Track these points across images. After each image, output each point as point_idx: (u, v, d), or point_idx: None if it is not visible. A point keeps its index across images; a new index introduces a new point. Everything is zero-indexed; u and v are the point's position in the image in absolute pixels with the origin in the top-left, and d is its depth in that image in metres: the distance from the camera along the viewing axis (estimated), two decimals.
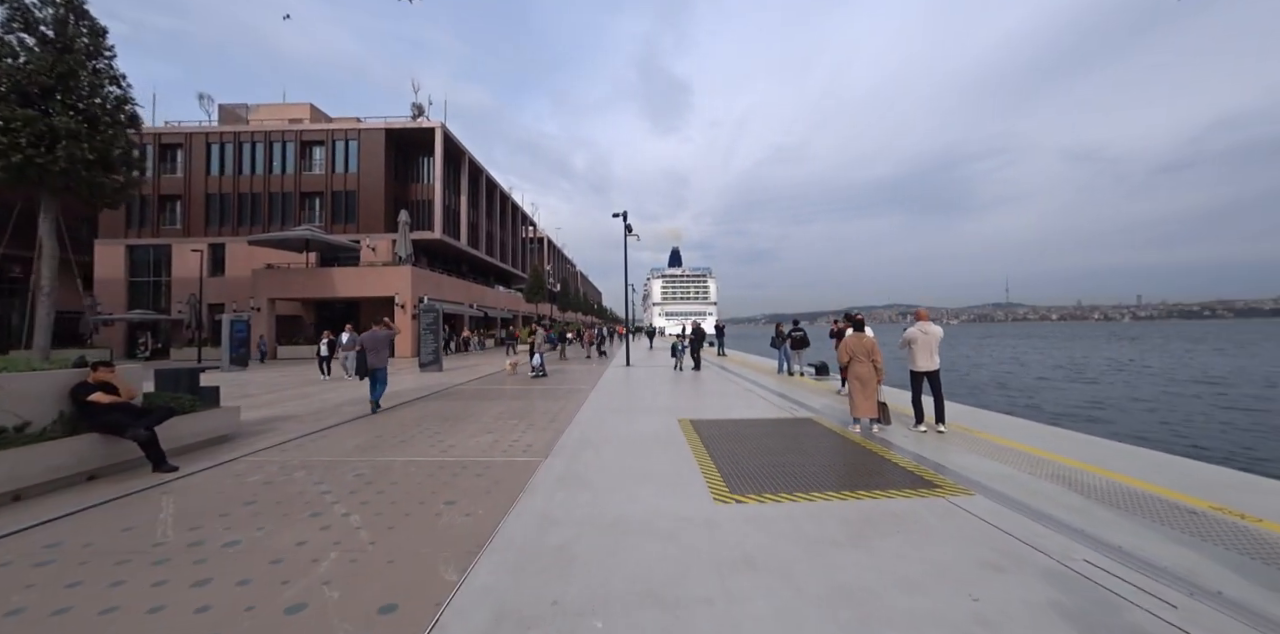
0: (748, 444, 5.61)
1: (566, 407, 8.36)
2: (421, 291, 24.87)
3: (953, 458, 4.91)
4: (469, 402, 9.02)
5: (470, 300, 32.21)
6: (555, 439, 5.91)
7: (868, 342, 6.23)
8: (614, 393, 10.06)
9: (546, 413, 7.77)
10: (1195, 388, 20.83)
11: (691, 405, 8.41)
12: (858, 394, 6.17)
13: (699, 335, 14.64)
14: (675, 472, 4.54)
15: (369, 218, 27.91)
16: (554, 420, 7.13)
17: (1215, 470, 4.57)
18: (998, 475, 4.33)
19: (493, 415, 7.56)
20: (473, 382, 12.42)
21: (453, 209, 33.65)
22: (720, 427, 6.60)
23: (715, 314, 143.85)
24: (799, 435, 6.06)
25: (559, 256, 76.17)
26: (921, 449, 5.26)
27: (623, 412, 7.83)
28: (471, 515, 3.54)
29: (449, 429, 6.55)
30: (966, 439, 5.71)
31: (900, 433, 6.06)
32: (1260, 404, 16.39)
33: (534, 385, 11.46)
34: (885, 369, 6.24)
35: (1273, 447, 10.91)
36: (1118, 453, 5.15)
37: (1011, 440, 5.63)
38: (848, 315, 12.65)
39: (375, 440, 5.91)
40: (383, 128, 27.68)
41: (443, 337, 15.90)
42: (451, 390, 10.71)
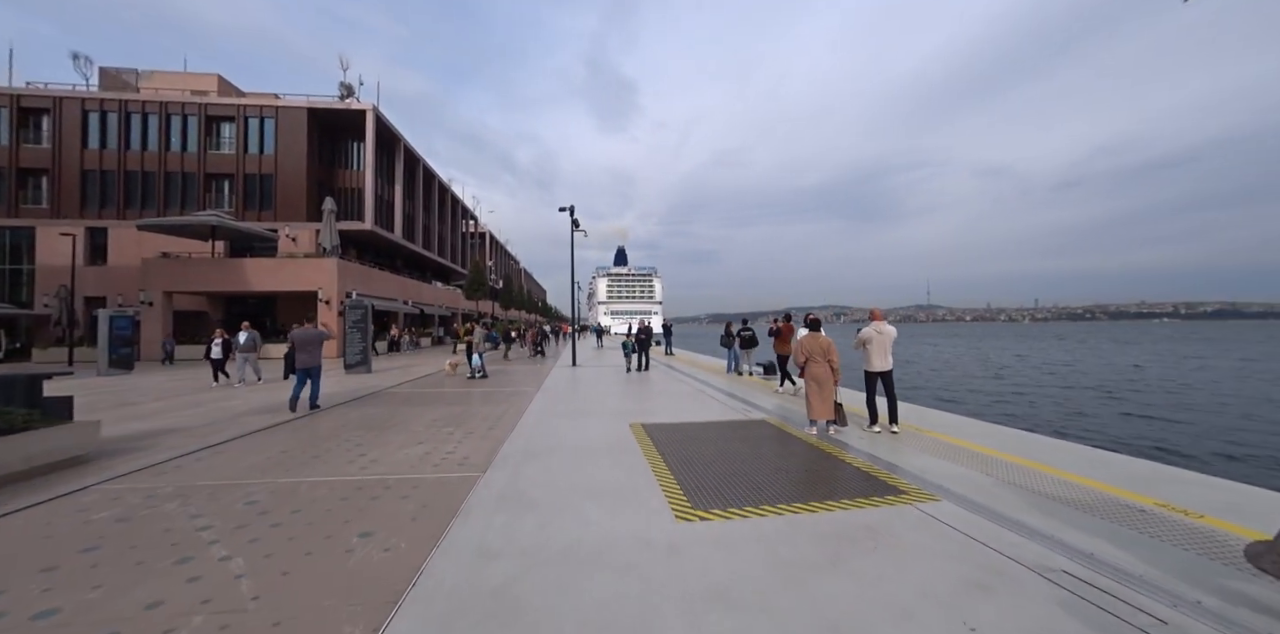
0: (705, 450, 5.30)
1: (509, 411, 7.74)
2: (349, 286, 22.97)
3: (911, 460, 4.83)
4: (399, 407, 8.16)
5: (405, 296, 30.24)
6: (496, 449, 5.33)
7: (824, 342, 6.12)
8: (560, 395, 9.51)
9: (486, 419, 7.12)
10: (1093, 381, 23.15)
11: (642, 408, 8.04)
12: (814, 396, 6.04)
13: (647, 334, 14.19)
14: (631, 485, 4.13)
15: (288, 205, 25.42)
16: (494, 427, 6.52)
17: (1142, 464, 4.76)
18: (958, 478, 4.26)
19: (425, 423, 6.81)
20: (405, 384, 11.41)
21: (386, 199, 31.43)
22: (675, 431, 6.27)
23: (660, 313, 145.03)
24: (756, 439, 5.84)
25: (502, 252, 73.72)
26: (881, 452, 5.17)
27: (570, 416, 7.33)
28: (392, 550, 2.95)
29: (372, 440, 5.78)
30: (919, 439, 5.71)
31: (856, 435, 5.98)
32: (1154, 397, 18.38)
33: (473, 388, 10.66)
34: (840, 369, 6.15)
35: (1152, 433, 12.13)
36: (1053, 448, 5.30)
37: (959, 439, 5.69)
38: (787, 315, 12.82)
39: (279, 457, 5.06)
40: (305, 106, 25.26)
41: (371, 336, 14.57)
42: (380, 394, 9.72)
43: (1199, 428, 13.00)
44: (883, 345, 6.28)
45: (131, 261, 22.76)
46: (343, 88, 27.67)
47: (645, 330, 14.38)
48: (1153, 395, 18.85)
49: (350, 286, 23.08)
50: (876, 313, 6.61)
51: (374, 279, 26.07)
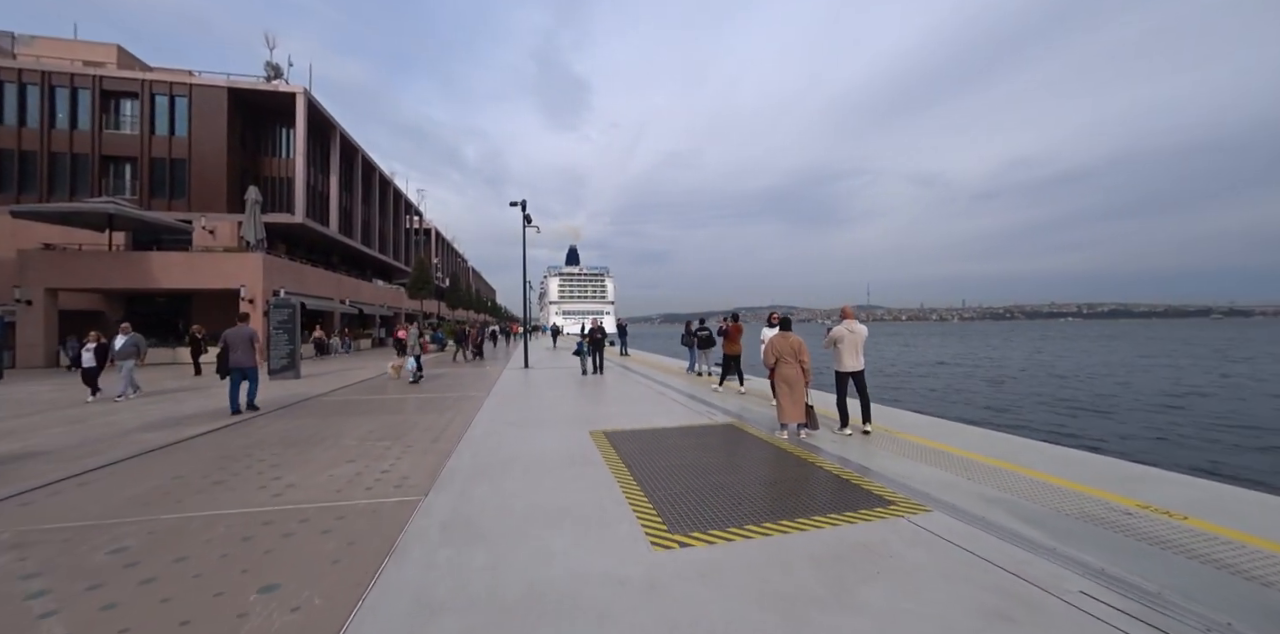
0: (674, 460, 4.90)
1: (455, 420, 7.03)
2: (277, 284, 21.00)
3: (890, 465, 4.63)
4: (329, 418, 7.25)
5: (341, 295, 28.13)
6: (440, 466, 4.69)
7: (794, 341, 5.87)
8: (512, 400, 8.85)
9: (430, 429, 6.40)
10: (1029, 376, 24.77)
11: (602, 413, 7.55)
12: (785, 398, 5.78)
13: (602, 334, 13.47)
14: (597, 506, 3.65)
15: (205, 194, 22.96)
16: (439, 439, 5.83)
17: (1108, 462, 4.79)
18: (941, 484, 4.07)
19: (358, 436, 6.02)
20: (340, 391, 10.33)
21: (320, 191, 29.15)
22: (639, 439, 5.83)
23: (613, 313, 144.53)
24: (727, 446, 5.50)
25: (449, 250, 70.80)
26: (857, 456, 4.95)
27: (524, 424, 6.73)
28: (302, 610, 2.33)
29: (293, 459, 4.97)
30: (893, 442, 5.56)
31: (828, 438, 5.77)
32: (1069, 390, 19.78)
33: (416, 393, 9.78)
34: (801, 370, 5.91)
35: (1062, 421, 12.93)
36: (1021, 448, 5.28)
37: (930, 440, 5.59)
38: (734, 315, 12.75)
39: (170, 486, 4.20)
40: (225, 86, 22.87)
41: (300, 337, 13.20)
42: (309, 403, 8.68)
43: (1126, 418, 14.01)
44: (854, 344, 6.11)
45: (6, 254, 19.76)
46: (269, 68, 25.36)
47: (599, 330, 13.57)
48: (1078, 390, 20.33)
49: (278, 284, 21.11)
50: (848, 311, 6.44)
51: (306, 276, 24.02)
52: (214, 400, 8.92)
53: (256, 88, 23.70)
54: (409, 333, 11.78)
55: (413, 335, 11.76)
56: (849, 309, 6.50)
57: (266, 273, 20.18)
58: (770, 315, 8.20)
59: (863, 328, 6.20)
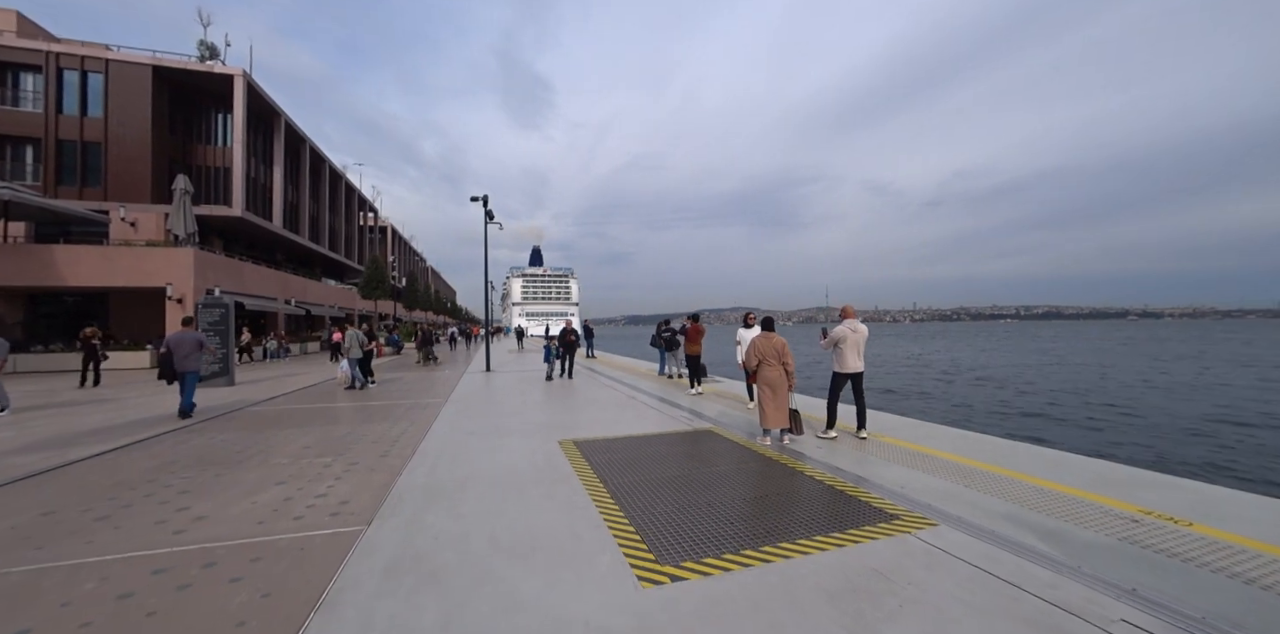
0: (653, 472, 4.47)
1: (409, 431, 6.36)
2: (211, 282, 19.29)
3: (884, 473, 4.36)
4: (261, 431, 6.42)
5: (286, 295, 26.28)
6: (388, 486, 4.09)
7: (778, 342, 5.56)
8: (473, 407, 8.20)
9: (379, 442, 5.73)
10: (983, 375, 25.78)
11: (571, 420, 7.05)
12: (768, 402, 5.46)
13: (576, 336, 12.57)
14: (572, 533, 3.18)
15: (125, 182, 20.84)
16: (388, 453, 5.18)
17: (1098, 464, 4.68)
18: (942, 494, 3.82)
19: (293, 451, 5.28)
20: (277, 399, 9.35)
21: (262, 183, 27.14)
22: (612, 449, 5.37)
23: (577, 315, 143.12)
24: (708, 455, 5.12)
25: (406, 249, 68.04)
26: (847, 463, 4.67)
27: (486, 434, 6.14)
28: None
29: (209, 484, 4.23)
30: (879, 446, 5.33)
31: (813, 444, 5.49)
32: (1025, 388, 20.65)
33: (365, 401, 8.96)
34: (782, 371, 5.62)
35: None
36: (1009, 450, 5.16)
37: (916, 444, 5.40)
38: (694, 315, 12.50)
39: (33, 525, 3.41)
40: (149, 64, 20.82)
41: (234, 341, 11.96)
42: (240, 414, 7.75)
43: (1072, 412, 14.63)
44: (857, 345, 5.86)
45: None
46: (203, 47, 23.37)
47: (571, 331, 12.46)
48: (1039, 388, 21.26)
49: (212, 282, 19.40)
50: (849, 310, 6.14)
51: (245, 274, 22.23)
52: (119, 413, 7.85)
53: (188, 68, 21.74)
54: (346, 335, 10.82)
55: (350, 338, 10.77)
56: (850, 308, 6.21)
57: (198, 269, 18.52)
58: (747, 315, 7.94)
59: (864, 327, 5.97)
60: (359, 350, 10.71)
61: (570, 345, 12.30)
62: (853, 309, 6.17)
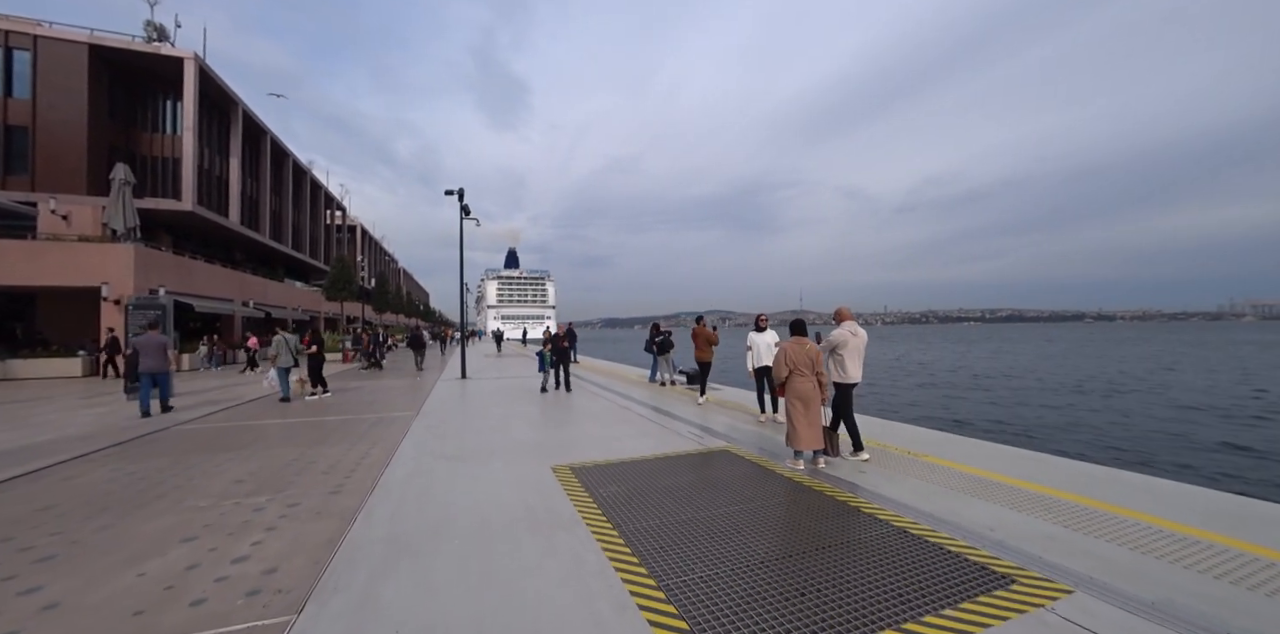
0: (676, 512, 3.61)
1: (370, 454, 5.34)
2: (155, 281, 17.62)
3: (959, 508, 3.59)
4: (185, 459, 5.29)
5: (244, 296, 24.47)
6: (335, 543, 3.11)
7: (812, 349, 4.78)
8: (447, 423, 7.18)
9: (331, 471, 4.70)
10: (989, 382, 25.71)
11: (562, 439, 6.12)
12: (799, 419, 4.67)
13: (572, 340, 11.01)
14: (593, 621, 2.28)
15: (56, 171, 18.92)
16: (340, 489, 4.18)
17: (1199, 493, 4.04)
18: (1044, 538, 3.06)
19: (219, 488, 4.22)
20: (216, 414, 8.13)
21: (218, 176, 25.28)
22: (617, 477, 4.49)
23: (554, 318, 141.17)
24: (733, 484, 4.28)
25: (376, 249, 65.60)
26: (906, 494, 3.88)
27: (464, 459, 5.17)
28: None
29: (87, 543, 3.17)
30: (925, 468, 4.58)
31: (848, 468, 4.71)
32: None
33: (321, 416, 7.83)
34: None
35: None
36: (1086, 475, 4.49)
37: (971, 465, 4.68)
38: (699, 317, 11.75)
39: None
40: (85, 42, 18.97)
41: (174, 344, 10.56)
42: (164, 435, 6.55)
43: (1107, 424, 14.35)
44: (859, 351, 5.15)
45: None
46: (149, 28, 21.57)
47: (568, 336, 10.74)
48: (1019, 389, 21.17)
49: (156, 282, 17.72)
50: (845, 312, 5.44)
51: (195, 273, 20.49)
52: (52, 431, 6.56)
53: (131, 48, 19.94)
54: (274, 342, 9.49)
55: (278, 344, 9.45)
56: (846, 310, 5.51)
57: (139, 268, 16.85)
58: (758, 318, 7.15)
59: (863, 331, 5.27)
60: (289, 357, 9.47)
61: (563, 352, 10.75)
62: (849, 311, 5.46)
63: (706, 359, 8.81)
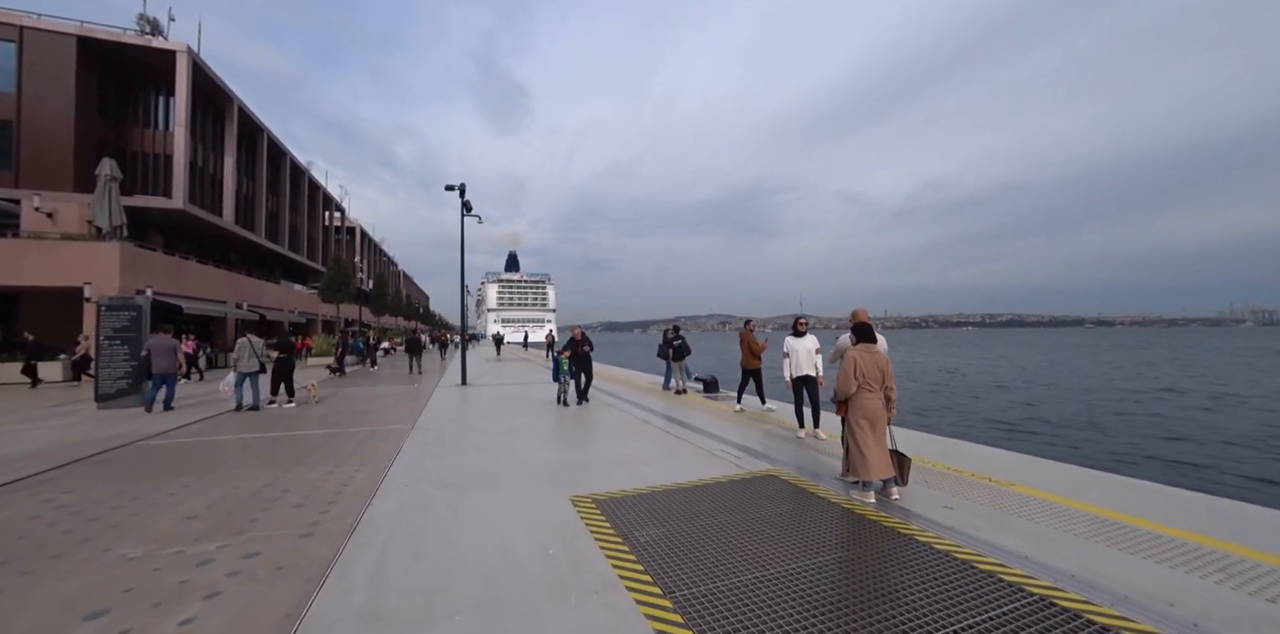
0: (736, 568, 2.82)
1: (355, 479, 4.55)
2: (142, 282, 16.89)
3: (1107, 566, 2.80)
4: (135, 485, 4.50)
5: (239, 298, 23.71)
6: (295, 616, 2.33)
7: (882, 359, 4.00)
8: (446, 439, 6.38)
9: (305, 504, 3.91)
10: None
11: (578, 459, 5.32)
12: (865, 442, 3.89)
13: (591, 346, 9.54)
14: None
15: (41, 166, 18.20)
16: (313, 531, 3.39)
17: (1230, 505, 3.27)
18: (1212, 603, 2.28)
19: (163, 528, 3.43)
20: (188, 427, 7.34)
21: (211, 174, 24.57)
22: (653, 513, 3.70)
23: (554, 321, 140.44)
24: (798, 523, 3.49)
25: (375, 251, 64.93)
26: (1002, 535, 3.10)
27: (466, 487, 4.38)
28: None
29: None
30: (1015, 500, 3.79)
31: (927, 499, 3.93)
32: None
33: (305, 428, 7.04)
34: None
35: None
36: (1172, 502, 3.71)
37: (1047, 491, 3.90)
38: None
39: None
40: (74, 34, 18.32)
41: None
42: (123, 452, 5.76)
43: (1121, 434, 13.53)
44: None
45: None
46: (142, 21, 20.93)
47: (586, 340, 9.34)
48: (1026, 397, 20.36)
49: (144, 282, 16.99)
50: (861, 314, 4.71)
51: (187, 274, 19.75)
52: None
53: (121, 41, 19.27)
54: (239, 346, 8.80)
55: (240, 348, 8.79)
56: (863, 312, 4.76)
57: (125, 267, 16.12)
58: (796, 321, 6.35)
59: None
60: (251, 362, 8.77)
61: (584, 359, 9.19)
62: (865, 313, 4.72)
63: (752, 367, 8.06)
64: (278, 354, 9.35)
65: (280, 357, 9.33)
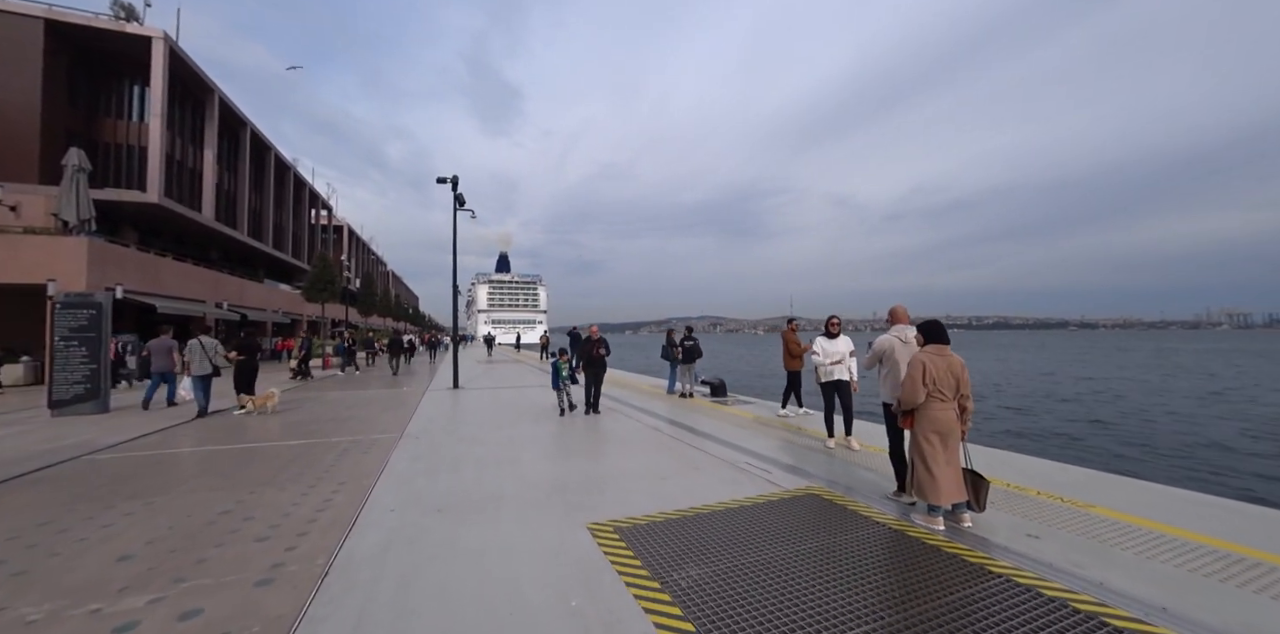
0: (806, 614, 2.23)
1: (331, 503, 3.89)
2: (112, 279, 15.97)
3: (1234, 611, 2.25)
4: (64, 510, 3.80)
5: (219, 298, 22.73)
6: None
7: (956, 364, 3.43)
8: (439, 451, 5.71)
9: (272, 537, 3.25)
10: None
11: (589, 476, 4.69)
12: (937, 462, 3.33)
13: (607, 349, 8.19)
14: None
15: (4, 156, 17.17)
16: (275, 576, 2.73)
17: None
18: None
19: (89, 574, 2.76)
20: (146, 437, 6.59)
21: (190, 167, 23.57)
22: (690, 546, 3.10)
23: (545, 322, 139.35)
24: (866, 558, 2.91)
25: (364, 251, 63.67)
26: (1113, 574, 2.54)
27: (463, 513, 3.74)
28: None
29: None
30: (1117, 531, 3.24)
31: (1006, 526, 3.37)
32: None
33: (278, 438, 6.33)
34: None
35: None
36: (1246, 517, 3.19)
37: (1169, 525, 3.36)
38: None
39: None
40: (41, 17, 17.34)
41: (106, 350, 8.94)
42: (60, 470, 5.02)
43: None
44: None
45: None
46: (117, 7, 19.95)
47: (600, 342, 8.06)
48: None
49: (115, 279, 16.07)
50: (901, 312, 4.22)
51: (162, 272, 18.82)
52: None
53: (94, 26, 18.30)
54: (190, 347, 8.40)
55: (191, 349, 8.34)
56: (902, 310, 4.25)
57: (93, 264, 15.20)
58: (829, 321, 5.77)
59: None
60: (204, 364, 8.26)
61: (598, 364, 8.03)
62: (904, 311, 4.21)
63: (792, 369, 7.58)
64: (236, 356, 8.66)
65: (241, 359, 8.64)
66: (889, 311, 4.37)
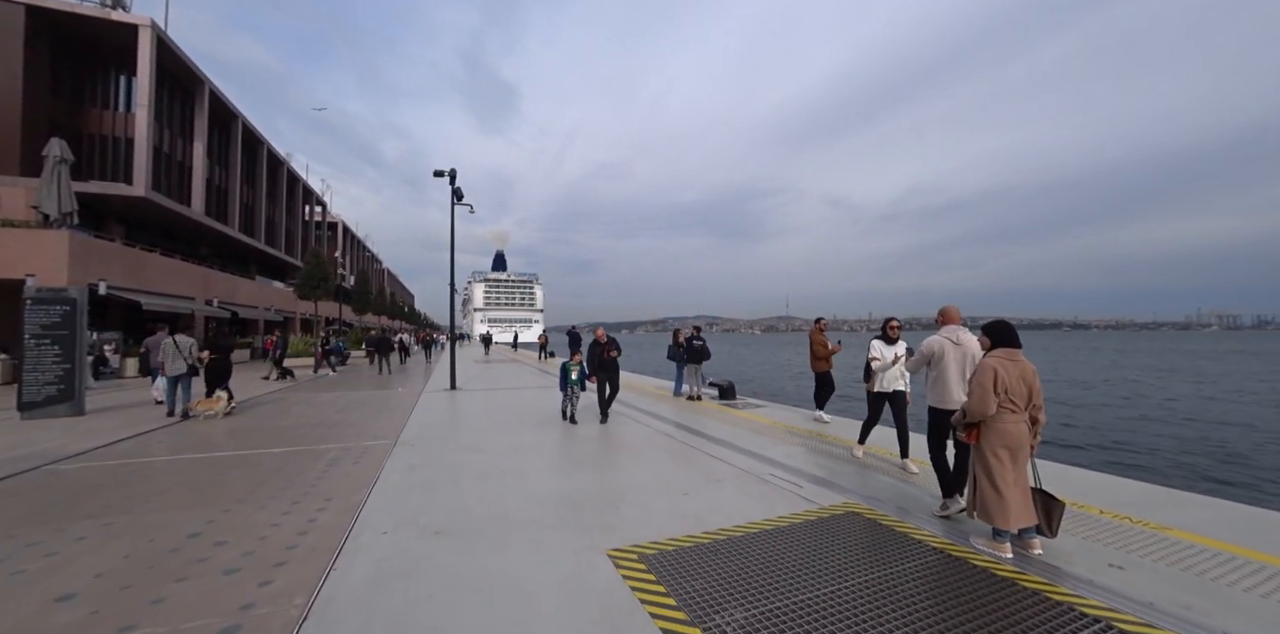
0: None
1: (314, 524, 3.45)
2: (95, 274, 15.43)
3: None
4: (6, 535, 3.35)
5: (209, 295, 22.16)
6: None
7: (1028, 370, 3.02)
8: (434, 463, 5.27)
9: (237, 570, 2.81)
10: None
11: (604, 491, 4.26)
12: (1005, 477, 2.93)
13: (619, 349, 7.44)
14: None
15: None
16: (245, 617, 2.29)
17: None
18: None
19: (18, 615, 2.32)
20: (115, 445, 6.11)
21: (179, 160, 22.94)
22: (723, 575, 2.69)
23: (542, 321, 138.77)
24: (932, 593, 2.50)
25: (359, 248, 62.95)
26: (1253, 628, 2.16)
27: (463, 534, 3.31)
28: None
29: None
30: (1203, 557, 2.86)
31: (1086, 554, 2.97)
32: None
33: (256, 447, 5.87)
34: None
35: None
36: None
37: (1199, 534, 2.98)
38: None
39: None
40: (22, 3, 16.67)
41: (84, 349, 8.42)
42: (14, 483, 4.56)
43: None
44: (962, 365, 3.57)
45: None
46: None
47: (608, 343, 7.36)
48: None
49: (98, 274, 15.52)
50: (953, 312, 3.84)
51: (149, 268, 18.24)
52: None
53: (77, 12, 17.68)
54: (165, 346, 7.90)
55: (165, 348, 7.90)
56: (954, 310, 3.86)
57: (75, 259, 14.65)
58: (887, 323, 5.23)
59: (971, 338, 3.69)
60: (178, 364, 7.85)
61: (610, 366, 7.29)
62: (957, 312, 3.82)
63: (819, 370, 7.30)
64: (210, 354, 8.23)
65: (214, 358, 8.20)
66: (940, 312, 3.97)
